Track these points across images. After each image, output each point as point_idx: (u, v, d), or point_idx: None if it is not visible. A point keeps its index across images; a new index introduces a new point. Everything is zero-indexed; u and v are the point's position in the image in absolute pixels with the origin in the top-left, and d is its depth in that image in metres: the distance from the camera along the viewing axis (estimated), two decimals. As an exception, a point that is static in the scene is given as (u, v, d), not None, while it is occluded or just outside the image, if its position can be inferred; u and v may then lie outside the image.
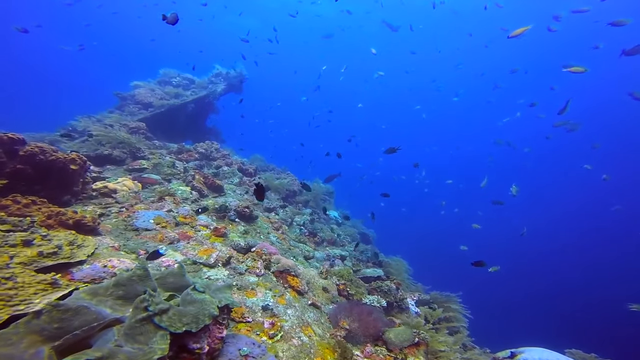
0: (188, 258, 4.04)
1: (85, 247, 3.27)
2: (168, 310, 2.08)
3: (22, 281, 2.26)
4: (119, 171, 7.04)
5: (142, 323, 1.95)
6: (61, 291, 2.35)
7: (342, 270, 5.60)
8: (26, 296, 2.17)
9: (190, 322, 2.09)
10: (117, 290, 2.26)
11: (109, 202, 5.05)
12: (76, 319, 1.93)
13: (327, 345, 3.59)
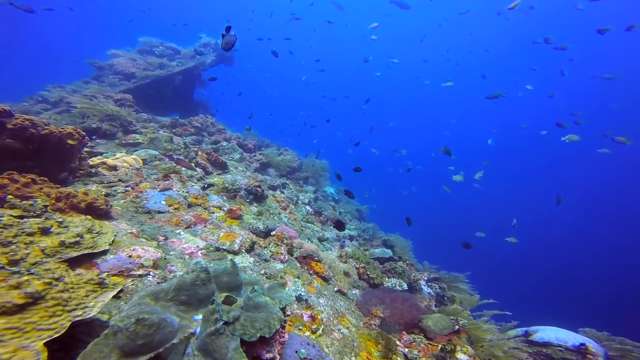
0: (210, 244, 3.77)
1: (105, 235, 2.94)
2: (239, 318, 1.87)
3: (70, 281, 1.95)
4: (111, 146, 6.51)
5: (215, 337, 1.73)
6: (109, 291, 2.06)
7: (358, 253, 5.49)
8: (80, 299, 1.88)
9: (262, 327, 1.88)
10: (179, 295, 2.00)
11: (112, 180, 4.61)
12: (157, 334, 1.67)
13: (368, 336, 3.48)
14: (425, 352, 3.63)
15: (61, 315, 1.74)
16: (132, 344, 1.62)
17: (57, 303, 1.77)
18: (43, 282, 1.80)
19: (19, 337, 1.58)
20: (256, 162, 8.23)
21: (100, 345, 1.65)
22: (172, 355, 1.78)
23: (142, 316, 1.66)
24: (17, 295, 1.69)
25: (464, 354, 3.64)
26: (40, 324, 1.66)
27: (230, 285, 2.35)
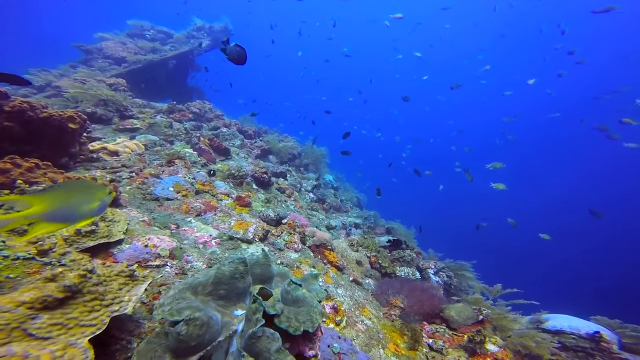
0: (223, 233, 3.65)
1: (118, 223, 2.79)
2: (283, 311, 1.78)
3: (102, 273, 1.82)
4: (107, 131, 6.26)
5: (255, 339, 1.64)
6: (140, 284, 1.94)
7: (367, 241, 5.44)
8: (114, 293, 1.75)
9: (305, 320, 1.78)
10: (218, 289, 1.88)
11: (115, 166, 4.42)
12: (207, 333, 1.57)
13: (392, 328, 3.43)
14: (451, 342, 3.60)
15: (100, 311, 1.63)
16: (184, 345, 1.52)
17: (94, 297, 1.65)
18: (78, 274, 1.67)
19: (64, 333, 1.48)
20: (257, 149, 8.05)
21: (153, 344, 1.55)
22: (216, 354, 1.70)
23: (192, 315, 1.55)
24: (56, 289, 1.57)
25: (494, 344, 3.61)
26: (81, 319, 1.55)
27: (263, 277, 2.25)
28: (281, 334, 1.72)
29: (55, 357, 1.39)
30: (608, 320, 4.81)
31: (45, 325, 1.48)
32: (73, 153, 4.35)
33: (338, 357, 2.44)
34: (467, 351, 3.57)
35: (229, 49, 3.13)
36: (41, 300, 1.52)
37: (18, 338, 1.41)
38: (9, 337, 1.40)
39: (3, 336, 1.39)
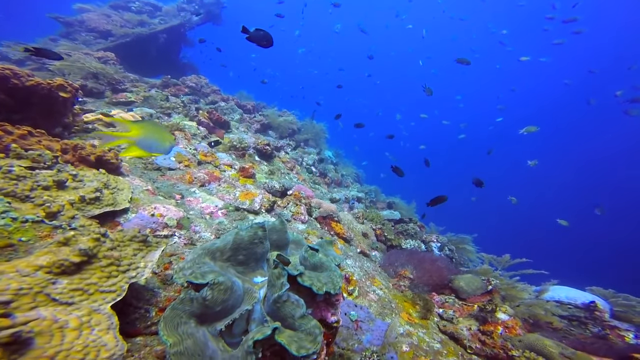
0: (229, 203, 3.52)
1: (122, 191, 2.65)
2: (304, 273, 1.68)
3: (115, 238, 1.70)
4: (100, 104, 5.98)
5: (280, 304, 1.55)
6: (154, 250, 1.82)
7: (372, 214, 5.37)
8: (129, 258, 1.64)
9: (327, 282, 1.70)
10: (237, 254, 1.77)
11: (112, 137, 4.22)
12: (231, 298, 1.48)
13: (404, 298, 3.40)
14: (461, 312, 3.59)
15: (117, 277, 1.54)
16: (209, 311, 1.44)
17: (110, 262, 1.55)
18: (92, 238, 1.56)
19: (86, 299, 1.43)
20: (257, 123, 7.83)
21: (178, 311, 1.46)
22: (238, 321, 1.61)
23: (217, 280, 1.45)
24: (71, 253, 1.46)
25: (504, 313, 3.62)
26: (101, 285, 1.47)
27: (279, 243, 2.15)
28: (303, 300, 1.64)
29: (83, 322, 1.34)
30: (603, 291, 4.87)
31: (67, 290, 1.42)
32: (67, 123, 4.13)
33: (356, 325, 2.39)
34: (478, 320, 3.58)
35: (253, 34, 3.08)
36: (58, 264, 1.43)
37: (43, 303, 1.35)
38: (35, 301, 1.34)
39: (29, 300, 1.33)
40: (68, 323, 1.33)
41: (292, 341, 1.46)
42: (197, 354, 1.48)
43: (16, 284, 1.33)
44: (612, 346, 3.80)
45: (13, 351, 1.15)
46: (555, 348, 3.34)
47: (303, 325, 1.56)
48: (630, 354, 3.57)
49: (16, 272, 1.36)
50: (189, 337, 1.48)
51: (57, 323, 1.31)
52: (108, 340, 1.41)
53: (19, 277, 1.35)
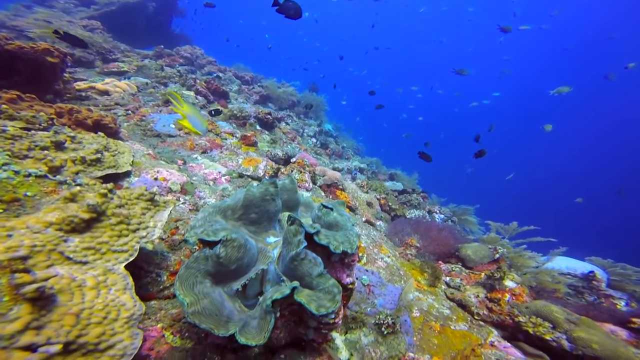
0: (232, 170, 3.41)
1: (123, 154, 2.52)
2: (320, 232, 1.59)
3: (122, 195, 1.61)
4: (91, 74, 5.73)
5: (298, 262, 1.47)
6: (162, 210, 1.73)
7: (375, 184, 5.30)
8: (138, 217, 1.55)
9: (344, 241, 1.61)
10: (249, 212, 1.68)
11: (108, 104, 4.04)
12: (245, 257, 1.40)
13: (412, 265, 3.36)
14: (468, 280, 3.58)
15: (128, 236, 1.47)
16: (224, 270, 1.37)
17: (120, 221, 1.47)
18: (99, 193, 1.46)
19: (99, 258, 1.37)
20: (256, 95, 7.59)
21: (192, 270, 1.39)
22: (252, 281, 1.54)
23: (229, 236, 1.36)
24: (80, 209, 1.38)
25: (511, 280, 3.61)
26: (112, 244, 1.42)
27: (290, 203, 2.06)
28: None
29: (99, 282, 1.30)
30: (601, 261, 4.90)
31: (79, 249, 1.35)
32: (58, 90, 3.93)
33: (368, 289, 2.34)
34: (486, 287, 3.57)
35: (284, 5, 3.05)
36: (68, 221, 1.35)
37: (58, 261, 1.30)
38: (50, 259, 1.28)
39: (44, 258, 1.27)
40: (85, 282, 1.28)
41: (311, 300, 1.40)
42: (214, 313, 1.41)
43: (29, 241, 1.26)
44: (613, 312, 3.84)
45: (41, 307, 1.12)
46: (561, 314, 3.35)
47: (321, 283, 1.49)
48: (630, 318, 3.63)
49: (27, 229, 1.28)
50: (205, 297, 1.41)
51: (76, 282, 1.26)
52: (126, 300, 1.36)
53: (31, 234, 1.28)
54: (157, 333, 1.70)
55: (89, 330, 1.24)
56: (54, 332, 1.15)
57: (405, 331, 2.27)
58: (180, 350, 1.67)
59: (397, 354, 2.12)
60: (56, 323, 1.18)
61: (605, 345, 2.94)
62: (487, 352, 2.82)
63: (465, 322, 3.02)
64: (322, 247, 1.58)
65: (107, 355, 1.28)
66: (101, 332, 1.26)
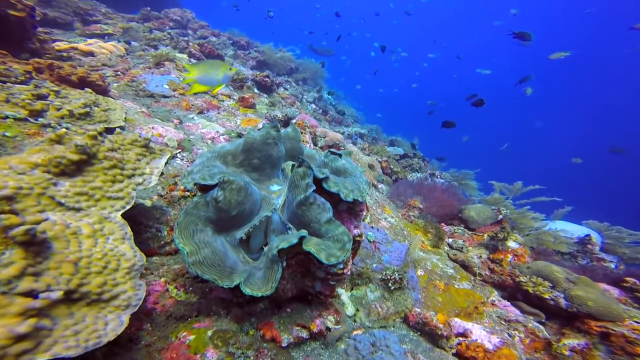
0: (231, 130, 3.29)
1: (115, 111, 2.38)
2: (329, 178, 1.50)
3: (114, 139, 1.50)
4: (71, 36, 5.40)
5: (306, 207, 1.37)
6: (159, 157, 1.63)
7: (377, 147, 5.20)
8: (133, 163, 1.46)
9: (354, 189, 1.53)
10: (251, 157, 1.58)
11: (95, 65, 3.82)
12: (247, 201, 1.31)
13: (415, 226, 3.32)
14: (471, 242, 3.56)
15: (123, 182, 1.38)
16: (225, 216, 1.28)
17: (113, 165, 1.38)
18: (88, 135, 1.36)
19: (94, 205, 1.30)
20: (252, 60, 7.29)
21: (192, 216, 1.31)
22: (255, 231, 1.47)
23: (226, 178, 1.27)
24: (67, 150, 1.29)
25: (514, 241, 3.61)
26: (107, 190, 1.34)
27: (293, 153, 1.96)
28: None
29: (95, 230, 1.23)
30: (598, 224, 4.90)
31: (71, 194, 1.27)
32: (34, 49, 3.67)
33: (374, 245, 2.29)
34: (488, 248, 3.57)
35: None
36: (55, 162, 1.25)
37: (50, 206, 1.22)
38: (40, 204, 1.21)
39: (33, 202, 1.20)
40: (81, 229, 1.21)
41: (320, 249, 1.32)
42: (216, 264, 1.35)
43: (14, 182, 1.17)
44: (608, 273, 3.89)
45: (35, 253, 1.07)
46: (562, 273, 3.38)
47: (330, 230, 1.41)
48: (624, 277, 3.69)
49: (10, 169, 1.18)
50: (206, 246, 1.34)
51: (70, 229, 1.19)
52: (126, 250, 1.29)
53: (15, 175, 1.19)
54: (161, 287, 1.66)
55: (90, 280, 1.18)
56: (53, 279, 1.09)
57: (412, 287, 2.25)
58: (186, 304, 1.63)
59: (403, 309, 2.11)
60: (54, 271, 1.12)
61: (600, 303, 2.99)
62: (489, 310, 2.85)
63: (468, 281, 3.03)
64: (329, 195, 1.50)
65: (112, 305, 1.23)
66: (102, 282, 1.21)
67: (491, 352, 1.91)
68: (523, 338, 2.59)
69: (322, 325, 1.69)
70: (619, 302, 3.28)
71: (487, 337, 2.02)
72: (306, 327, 1.67)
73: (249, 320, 1.67)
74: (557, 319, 3.20)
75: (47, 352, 1.02)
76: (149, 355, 1.38)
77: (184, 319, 1.58)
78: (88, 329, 1.12)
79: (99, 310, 1.19)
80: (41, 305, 1.01)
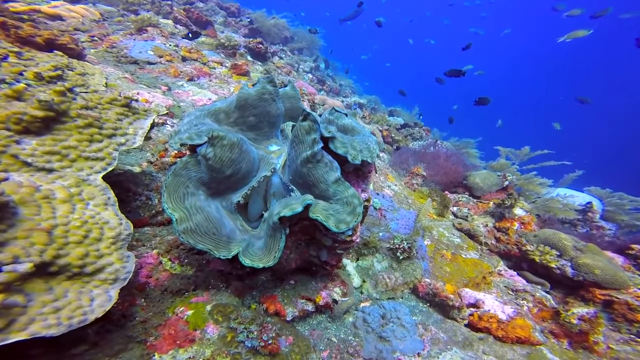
0: (225, 97, 3.08)
1: (93, 76, 2.16)
2: (336, 136, 1.33)
3: (89, 98, 1.33)
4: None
5: (312, 165, 1.21)
6: (143, 118, 1.45)
7: (377, 116, 5.01)
8: (113, 122, 1.29)
9: (363, 149, 1.36)
10: (246, 114, 1.40)
11: (65, 30, 3.51)
12: (243, 160, 1.15)
13: (419, 194, 3.19)
14: (476, 210, 3.44)
15: (102, 141, 1.22)
16: (219, 176, 1.13)
17: (89, 123, 1.21)
18: (54, 90, 1.18)
19: (69, 166, 1.14)
20: (244, 28, 6.90)
21: (181, 178, 1.16)
22: (254, 196, 1.32)
23: (216, 133, 1.11)
24: (29, 106, 1.14)
25: (521, 208, 3.50)
26: (83, 149, 1.19)
27: (293, 114, 1.79)
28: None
29: (72, 194, 1.08)
30: (600, 191, 4.80)
31: (39, 152, 1.11)
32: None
33: (380, 213, 2.16)
34: (494, 216, 3.47)
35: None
36: (15, 119, 1.09)
37: (14, 166, 1.07)
38: (0, 163, 1.05)
39: None
40: (54, 193, 1.06)
41: (328, 215, 1.17)
42: (210, 232, 1.20)
43: None
44: (614, 240, 3.83)
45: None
46: (570, 241, 3.30)
47: (339, 192, 1.25)
48: (629, 245, 3.64)
49: None
50: (199, 211, 1.19)
51: (40, 192, 1.05)
52: (109, 217, 1.15)
53: None
54: (154, 260, 1.53)
55: (69, 250, 1.05)
56: (22, 250, 0.95)
57: (421, 256, 2.15)
58: (182, 277, 1.50)
59: (412, 279, 2.01)
60: (24, 240, 0.98)
61: (607, 271, 2.93)
62: (496, 280, 2.78)
63: (475, 251, 2.94)
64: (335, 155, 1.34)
65: (98, 279, 1.10)
66: (84, 253, 1.07)
67: (505, 322, 1.83)
68: (531, 307, 2.53)
69: (328, 297, 1.59)
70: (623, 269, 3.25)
71: (501, 307, 1.94)
72: (311, 299, 1.57)
73: (250, 294, 1.56)
74: (561, 288, 3.15)
75: (23, 331, 0.91)
76: (145, 331, 1.27)
77: (180, 293, 1.46)
78: (71, 305, 1.01)
79: (83, 284, 1.07)
80: (7, 280, 0.87)
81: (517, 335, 1.78)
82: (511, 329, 1.79)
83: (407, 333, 1.47)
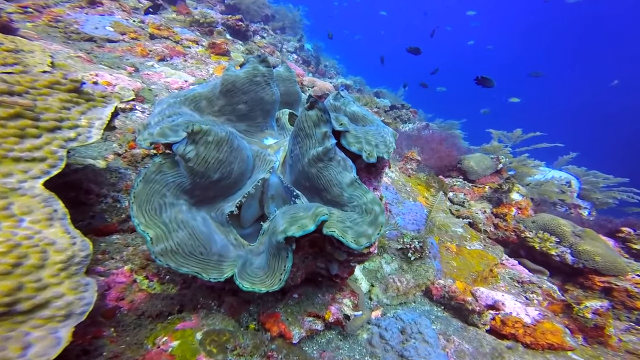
0: (203, 79, 2.73)
1: (32, 53, 1.77)
2: (349, 129, 1.06)
3: (15, 80, 1.00)
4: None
5: (323, 165, 0.95)
6: (100, 106, 1.14)
7: (366, 98, 4.78)
8: (55, 112, 0.99)
9: (379, 143, 1.10)
10: (235, 101, 1.11)
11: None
12: (235, 160, 0.87)
13: (416, 180, 3.00)
14: (472, 195, 3.31)
15: (40, 137, 0.91)
16: (204, 182, 0.86)
17: (16, 113, 0.89)
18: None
19: None
20: (220, 4, 6.36)
21: (156, 185, 0.87)
22: (248, 201, 1.04)
23: (197, 127, 0.82)
24: None
25: (517, 192, 3.39)
26: (9, 148, 0.87)
27: (289, 99, 1.50)
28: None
29: None
30: (577, 169, 4.81)
31: None
32: None
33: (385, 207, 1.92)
34: (492, 201, 3.34)
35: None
36: None
37: None
38: None
39: None
40: None
41: (345, 229, 0.92)
42: (197, 252, 0.92)
43: None
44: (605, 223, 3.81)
45: None
46: (568, 227, 3.20)
47: (355, 197, 1.00)
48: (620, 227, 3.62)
49: None
50: (181, 226, 0.91)
51: None
52: (55, 236, 0.87)
53: None
54: (126, 278, 1.25)
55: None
56: None
57: (433, 255, 1.95)
58: (163, 297, 1.23)
59: (424, 281, 1.81)
60: None
61: (607, 258, 2.85)
62: (501, 271, 2.64)
63: (479, 241, 2.79)
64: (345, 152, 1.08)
65: (39, 317, 0.82)
66: (13, 287, 0.78)
67: (531, 326, 1.67)
68: (541, 301, 2.41)
69: (338, 312, 1.36)
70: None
71: (523, 309, 1.77)
72: (320, 316, 1.33)
73: (246, 309, 1.31)
74: (559, 275, 3.08)
75: None
76: (116, 371, 1.00)
77: (162, 317, 1.19)
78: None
79: (11, 327, 0.78)
80: None
81: (548, 341, 1.62)
82: (540, 335, 1.63)
83: (431, 350, 1.27)
